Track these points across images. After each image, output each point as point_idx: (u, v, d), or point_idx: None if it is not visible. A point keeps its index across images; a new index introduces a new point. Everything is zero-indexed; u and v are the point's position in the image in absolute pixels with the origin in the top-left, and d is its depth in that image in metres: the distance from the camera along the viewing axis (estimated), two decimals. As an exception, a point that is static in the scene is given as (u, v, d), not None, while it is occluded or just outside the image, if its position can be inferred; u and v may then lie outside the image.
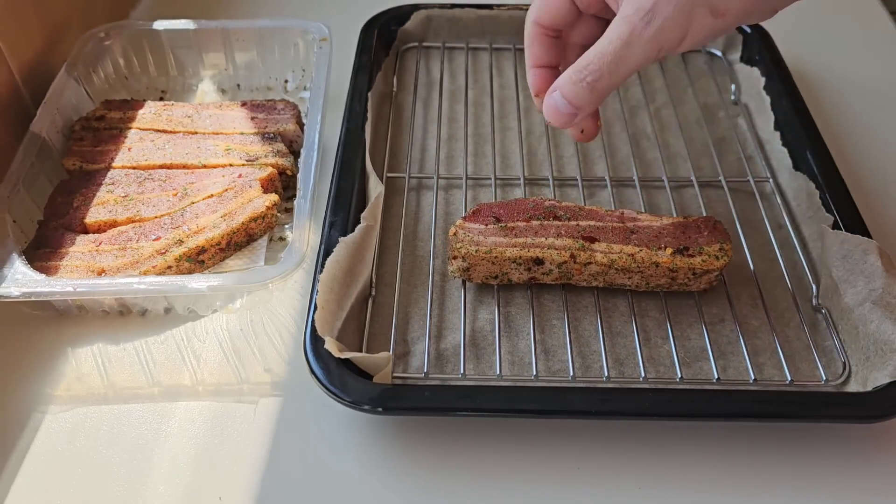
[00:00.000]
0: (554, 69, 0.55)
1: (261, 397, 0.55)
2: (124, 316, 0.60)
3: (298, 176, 0.62)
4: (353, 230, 0.58)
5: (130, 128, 0.69)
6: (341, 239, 0.57)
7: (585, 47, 0.49)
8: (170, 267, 0.58)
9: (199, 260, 0.59)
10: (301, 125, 0.70)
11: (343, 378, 0.50)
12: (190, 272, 0.59)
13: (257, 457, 0.52)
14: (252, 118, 0.69)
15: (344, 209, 0.61)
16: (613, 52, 0.46)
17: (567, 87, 0.48)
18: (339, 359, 0.51)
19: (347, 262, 0.56)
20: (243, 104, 0.71)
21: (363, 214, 0.60)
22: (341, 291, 0.55)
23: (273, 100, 0.72)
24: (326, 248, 0.57)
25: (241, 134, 0.68)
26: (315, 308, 0.53)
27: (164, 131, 0.68)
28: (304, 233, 0.57)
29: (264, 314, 0.60)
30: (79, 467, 0.51)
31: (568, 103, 0.49)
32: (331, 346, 0.50)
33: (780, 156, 0.70)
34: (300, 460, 0.52)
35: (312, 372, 0.50)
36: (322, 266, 0.55)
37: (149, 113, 0.70)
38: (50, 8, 0.74)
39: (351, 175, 0.64)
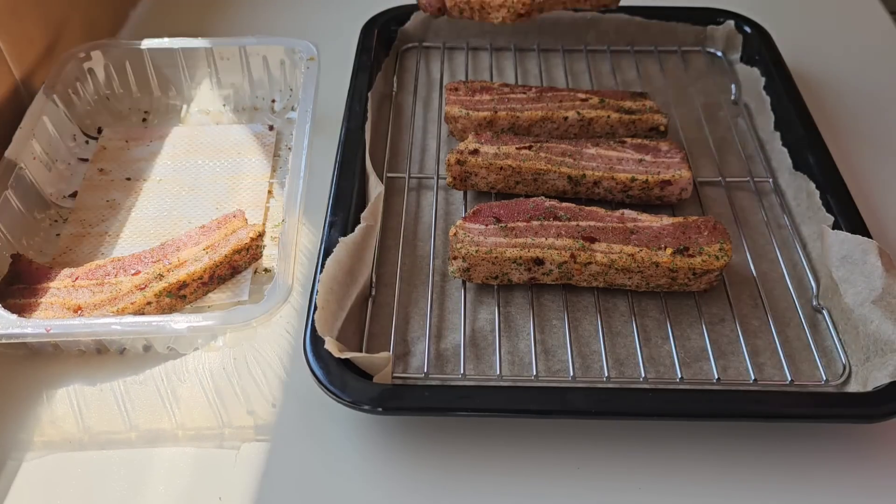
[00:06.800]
0: None
1: (255, 401, 0.55)
2: (102, 354, 0.56)
3: (284, 205, 0.59)
4: (353, 230, 0.58)
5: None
6: (341, 239, 0.57)
7: None
8: (149, 303, 0.55)
9: (180, 295, 0.56)
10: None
11: (343, 378, 0.50)
12: (171, 307, 0.56)
13: (257, 456, 0.52)
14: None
15: (344, 209, 0.61)
16: None
17: None
18: (339, 359, 0.51)
19: (347, 262, 0.56)
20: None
21: (363, 214, 0.60)
22: (341, 291, 0.55)
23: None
24: (326, 248, 0.57)
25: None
26: (315, 308, 0.53)
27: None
28: (290, 265, 0.54)
29: (248, 351, 0.57)
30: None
31: None
32: (331, 346, 0.50)
33: (780, 156, 0.70)
34: (300, 460, 0.52)
35: (312, 372, 0.50)
36: (322, 266, 0.55)
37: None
38: (52, 13, 0.73)
39: (351, 175, 0.64)
